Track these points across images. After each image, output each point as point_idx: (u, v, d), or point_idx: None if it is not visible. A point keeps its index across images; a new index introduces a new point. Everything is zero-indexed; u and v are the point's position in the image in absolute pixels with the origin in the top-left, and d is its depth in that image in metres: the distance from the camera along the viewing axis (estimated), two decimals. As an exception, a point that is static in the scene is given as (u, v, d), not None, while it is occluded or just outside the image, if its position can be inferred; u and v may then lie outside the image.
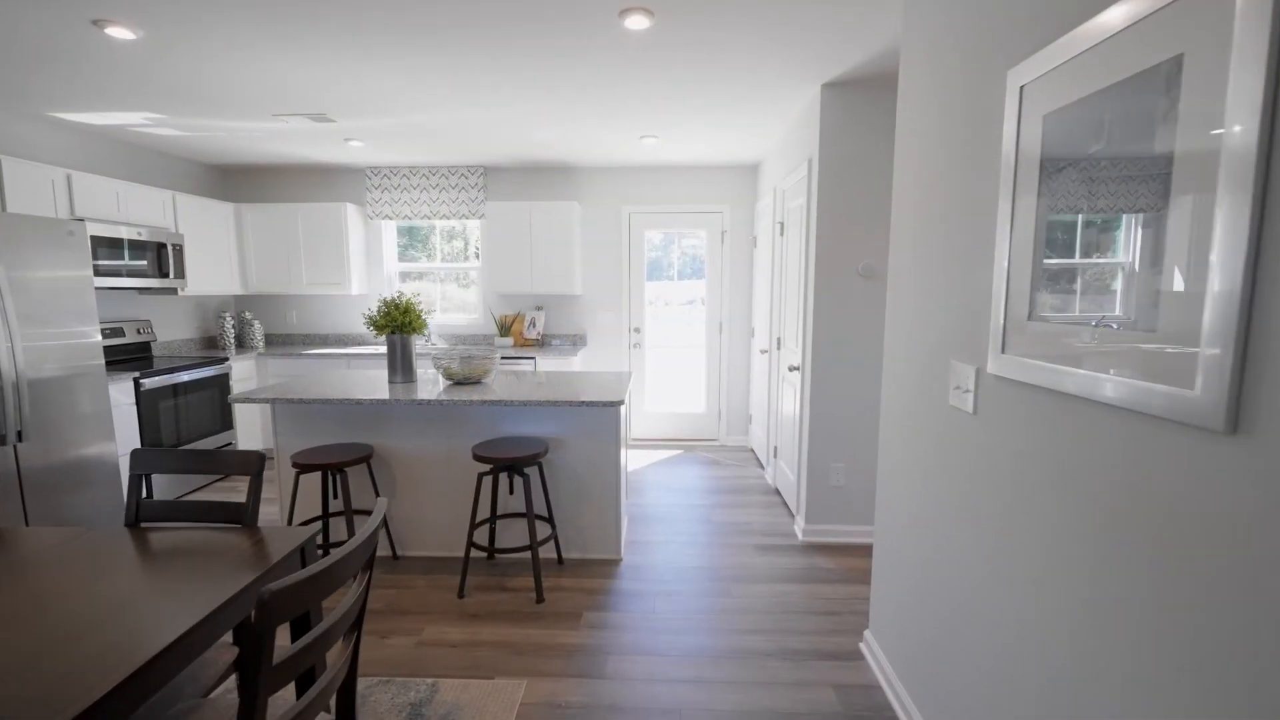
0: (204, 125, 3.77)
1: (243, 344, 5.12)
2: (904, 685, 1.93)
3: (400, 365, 3.18)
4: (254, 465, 1.77)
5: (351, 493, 3.10)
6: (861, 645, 2.31)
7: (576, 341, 5.25)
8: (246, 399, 2.77)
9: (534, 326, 5.08)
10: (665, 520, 3.59)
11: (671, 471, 4.53)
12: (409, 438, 3.04)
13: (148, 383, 3.71)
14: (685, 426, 5.36)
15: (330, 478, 3.07)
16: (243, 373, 4.59)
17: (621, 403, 2.72)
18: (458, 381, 3.15)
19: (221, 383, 4.35)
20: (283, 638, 2.26)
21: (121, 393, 3.55)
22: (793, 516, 3.61)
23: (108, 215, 3.77)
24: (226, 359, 4.39)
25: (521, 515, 3.01)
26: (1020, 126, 1.28)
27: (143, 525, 1.81)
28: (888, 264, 2.31)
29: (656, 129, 3.87)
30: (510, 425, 3.02)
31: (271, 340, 5.36)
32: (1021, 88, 1.28)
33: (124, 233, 3.80)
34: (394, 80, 2.98)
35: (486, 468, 3.04)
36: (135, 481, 1.84)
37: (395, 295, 3.18)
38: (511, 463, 2.64)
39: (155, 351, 4.53)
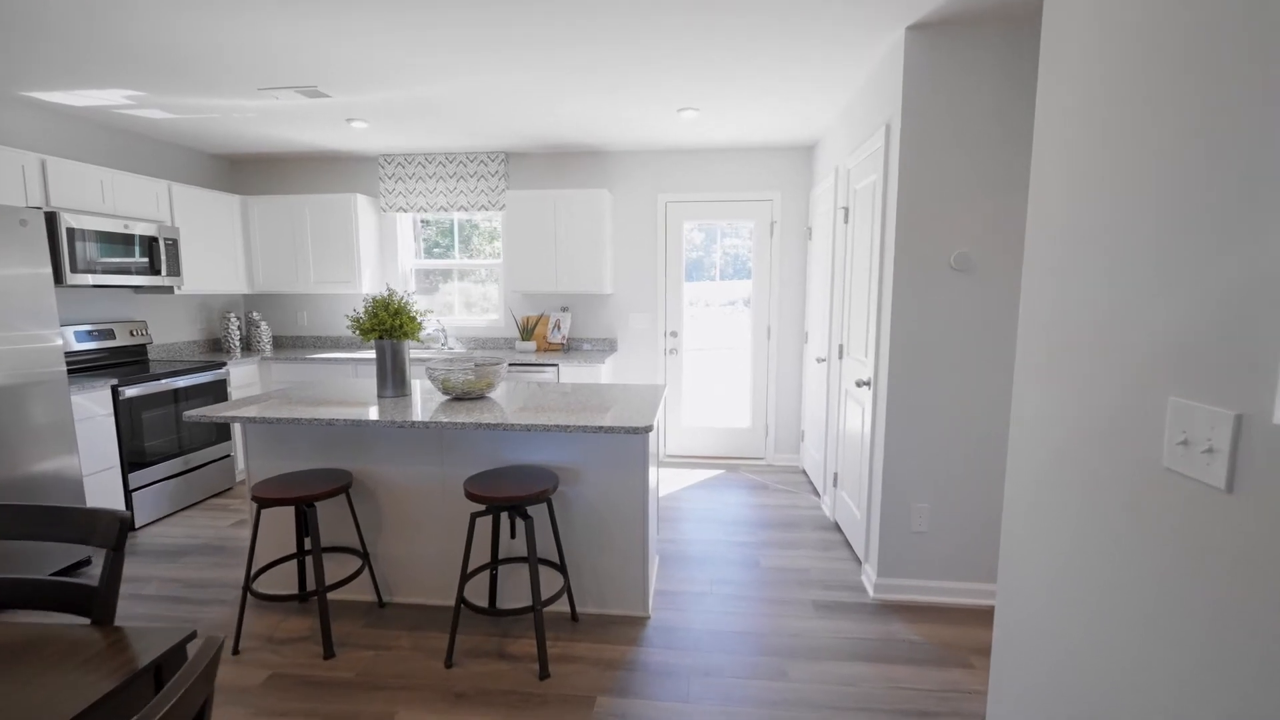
0: (191, 105, 3.39)
1: (249, 347, 4.78)
2: None
3: (391, 376, 2.70)
4: (108, 533, 1.28)
5: (331, 527, 2.63)
6: (973, 774, 1.68)
7: (605, 346, 4.71)
8: (202, 417, 2.32)
9: (559, 330, 4.57)
10: (703, 562, 3.00)
11: (711, 497, 3.94)
12: (397, 463, 2.55)
13: (128, 391, 3.35)
14: (727, 443, 4.76)
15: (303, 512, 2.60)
16: (243, 378, 4.23)
17: (649, 429, 2.15)
18: (457, 396, 2.64)
19: (218, 390, 3.99)
20: None
21: (96, 402, 3.19)
22: (859, 563, 2.97)
23: (91, 206, 3.43)
24: (224, 363, 4.02)
25: (527, 560, 2.48)
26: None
27: (-8, 603, 1.35)
28: (1024, 247, 1.66)
29: (697, 98, 3.29)
30: (515, 451, 2.49)
31: (281, 343, 5.01)
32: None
33: (107, 225, 3.45)
34: (391, 43, 2.49)
35: (481, 507, 2.52)
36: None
37: (386, 293, 2.74)
38: (511, 503, 2.11)
39: (152, 355, 4.21)
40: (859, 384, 2.83)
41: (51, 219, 3.20)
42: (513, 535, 2.40)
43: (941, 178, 2.43)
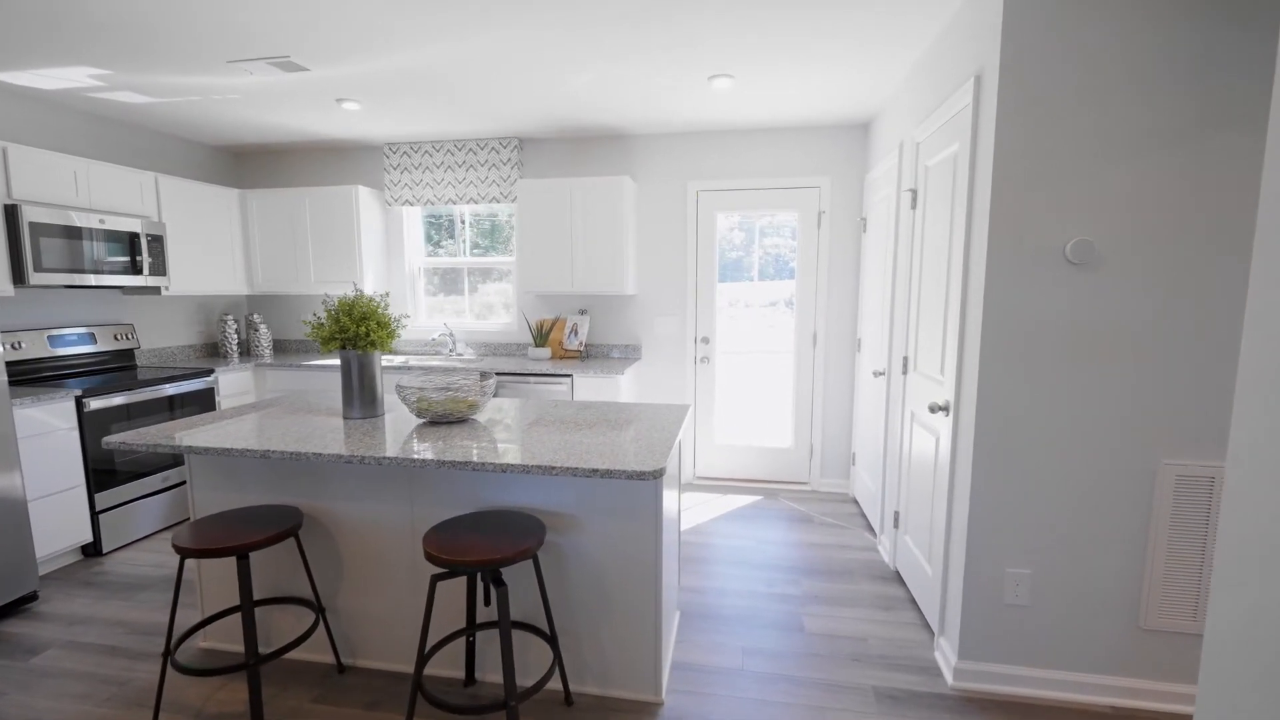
0: (163, 85, 3.05)
1: (248, 351, 4.48)
2: None
3: (358, 395, 2.26)
4: None
5: (288, 572, 2.21)
6: None
7: (628, 354, 4.21)
8: (122, 443, 1.92)
9: (575, 335, 4.09)
10: (733, 622, 2.46)
11: (746, 531, 3.38)
12: (359, 500, 2.11)
13: (95, 403, 3.03)
14: (766, 464, 4.18)
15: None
16: (235, 386, 3.90)
17: (659, 474, 1.63)
18: (433, 420, 2.18)
19: (205, 399, 3.66)
20: None
21: (55, 415, 2.87)
22: (931, 634, 2.38)
23: (62, 199, 3.13)
24: (212, 370, 3.70)
25: (511, 625, 1.99)
26: None
27: None
28: (1258, 229, 1.06)
29: (731, 61, 2.75)
30: (498, 490, 2.01)
31: (282, 347, 4.69)
32: None
33: (79, 220, 3.14)
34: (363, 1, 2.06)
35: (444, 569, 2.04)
36: None
37: (354, 294, 2.33)
38: (479, 567, 1.62)
39: (141, 360, 3.93)
40: (933, 409, 2.24)
41: (11, 212, 2.90)
42: (486, 602, 1.92)
43: (1055, 142, 1.83)
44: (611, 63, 2.76)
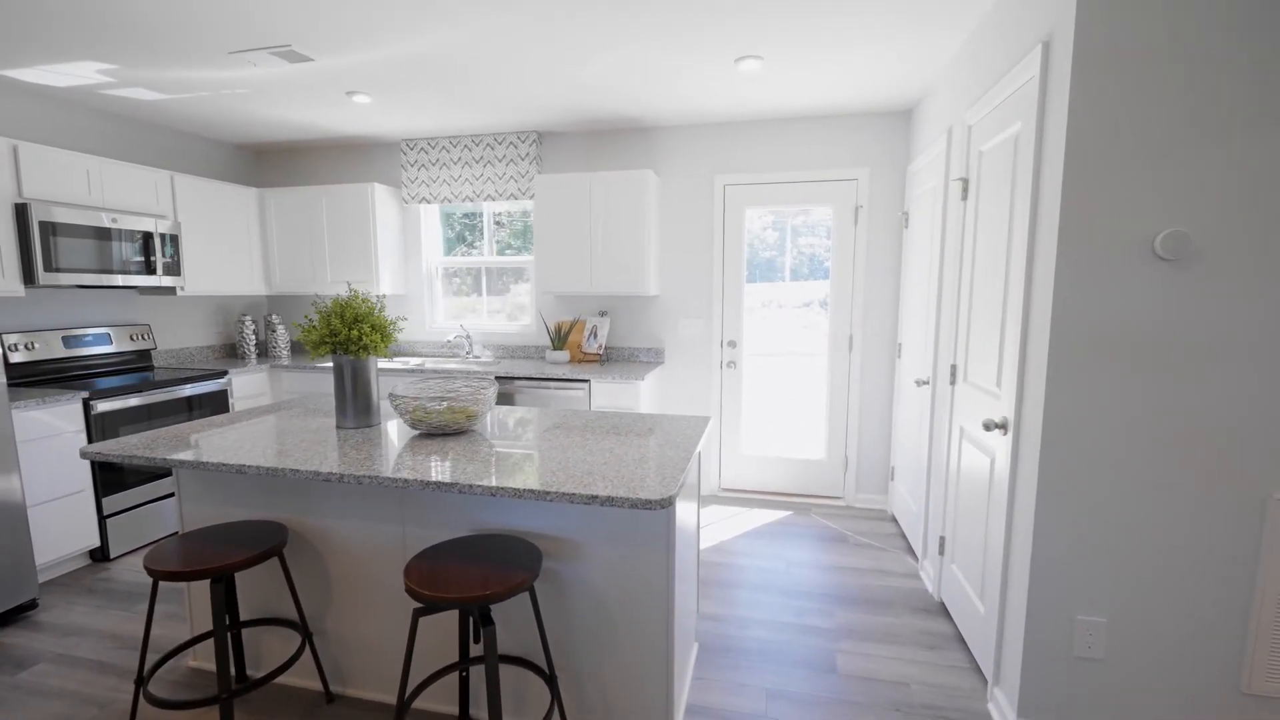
0: (171, 79, 2.97)
1: (265, 353, 4.42)
2: None
3: (351, 403, 2.10)
4: None
5: (276, 591, 2.07)
6: None
7: (650, 357, 3.99)
8: (98, 455, 1.80)
9: (594, 338, 3.90)
10: (757, 658, 2.23)
11: (774, 550, 3.13)
12: (347, 518, 1.95)
13: (103, 405, 2.97)
14: (796, 476, 3.92)
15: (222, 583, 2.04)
16: (250, 388, 3.84)
17: (666, 503, 1.42)
18: (428, 431, 2.01)
19: (218, 401, 3.60)
20: None
21: (64, 417, 2.82)
22: (983, 681, 2.09)
23: (74, 198, 3.09)
24: (225, 372, 3.63)
25: (505, 660, 1.80)
26: None
27: None
28: None
29: (760, 40, 2.52)
30: (494, 512, 1.82)
31: (301, 349, 4.63)
32: None
33: (91, 219, 3.10)
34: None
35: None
36: None
37: (348, 294, 2.19)
38: (464, 604, 1.43)
39: (158, 361, 3.89)
40: (989, 426, 1.97)
41: (21, 211, 2.86)
42: (475, 639, 1.73)
43: (1142, 114, 1.54)
44: (629, 43, 2.55)
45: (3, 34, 2.44)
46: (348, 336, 2.00)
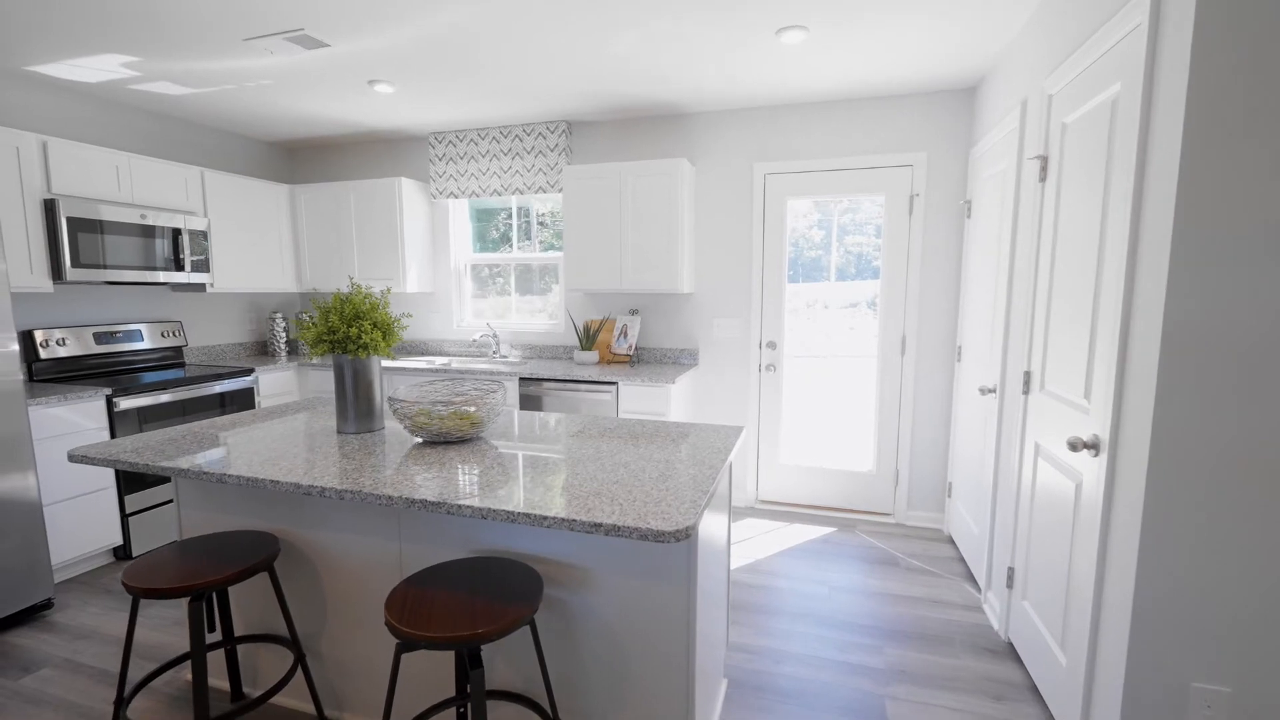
0: (195, 72, 2.92)
1: (296, 350, 4.40)
2: None
3: (352, 405, 1.95)
4: None
5: (271, 606, 1.94)
6: None
7: (683, 359, 3.76)
8: (83, 458, 1.70)
9: (624, 338, 3.69)
10: (794, 701, 1.97)
11: (815, 572, 2.86)
12: (342, 531, 1.80)
13: (125, 402, 2.94)
14: (841, 490, 3.61)
15: (208, 600, 1.91)
16: (276, 386, 3.80)
17: (684, 535, 1.19)
18: (431, 439, 1.84)
19: (245, 399, 3.56)
20: None
21: (87, 415, 2.79)
22: (1064, 744, 1.78)
23: (104, 194, 3.08)
24: (252, 370, 3.59)
25: (503, 697, 1.61)
26: None
27: None
28: None
29: (804, 8, 2.25)
30: (494, 533, 1.64)
31: (331, 346, 4.59)
32: None
33: (120, 215, 3.08)
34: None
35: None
36: None
37: (349, 289, 2.04)
38: (449, 644, 1.24)
39: (189, 358, 3.89)
40: (1075, 446, 1.66)
41: (50, 207, 2.85)
42: (466, 682, 1.54)
43: (1291, 62, 1.23)
44: (658, 14, 2.33)
45: (20, 25, 2.41)
46: (346, 335, 1.85)
